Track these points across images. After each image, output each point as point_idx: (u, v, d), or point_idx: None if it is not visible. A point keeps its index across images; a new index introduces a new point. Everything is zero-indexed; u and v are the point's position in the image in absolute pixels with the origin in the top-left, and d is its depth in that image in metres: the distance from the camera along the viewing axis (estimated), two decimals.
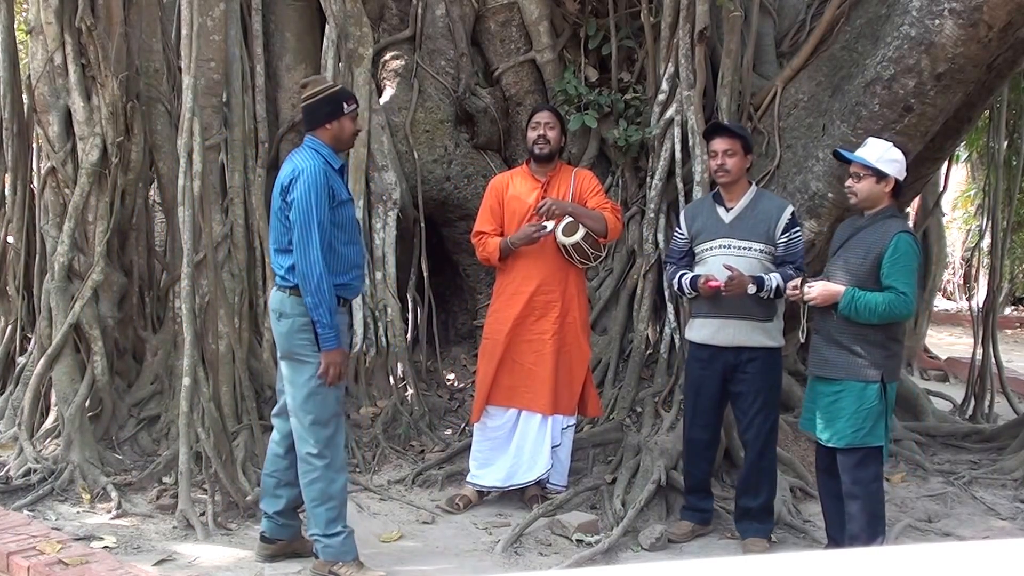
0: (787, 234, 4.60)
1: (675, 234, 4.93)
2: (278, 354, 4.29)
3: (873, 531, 4.18)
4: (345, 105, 4.20)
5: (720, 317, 4.59)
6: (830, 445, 4.20)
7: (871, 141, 4.29)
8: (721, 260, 4.55)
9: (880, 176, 4.13)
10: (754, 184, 4.79)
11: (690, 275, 4.66)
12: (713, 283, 4.47)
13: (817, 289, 4.13)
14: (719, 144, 4.63)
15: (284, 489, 4.33)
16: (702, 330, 4.69)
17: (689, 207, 4.99)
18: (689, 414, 4.85)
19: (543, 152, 5.13)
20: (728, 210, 4.66)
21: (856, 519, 4.19)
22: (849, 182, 4.23)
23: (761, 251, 4.59)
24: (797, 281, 4.23)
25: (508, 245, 5.04)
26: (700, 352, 4.72)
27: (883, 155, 4.15)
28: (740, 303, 4.51)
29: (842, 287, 4.09)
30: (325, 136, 4.19)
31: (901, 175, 4.21)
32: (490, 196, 5.24)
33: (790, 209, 4.67)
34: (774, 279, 4.51)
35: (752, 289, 4.45)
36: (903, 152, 4.25)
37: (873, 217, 4.19)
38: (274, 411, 4.41)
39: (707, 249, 4.66)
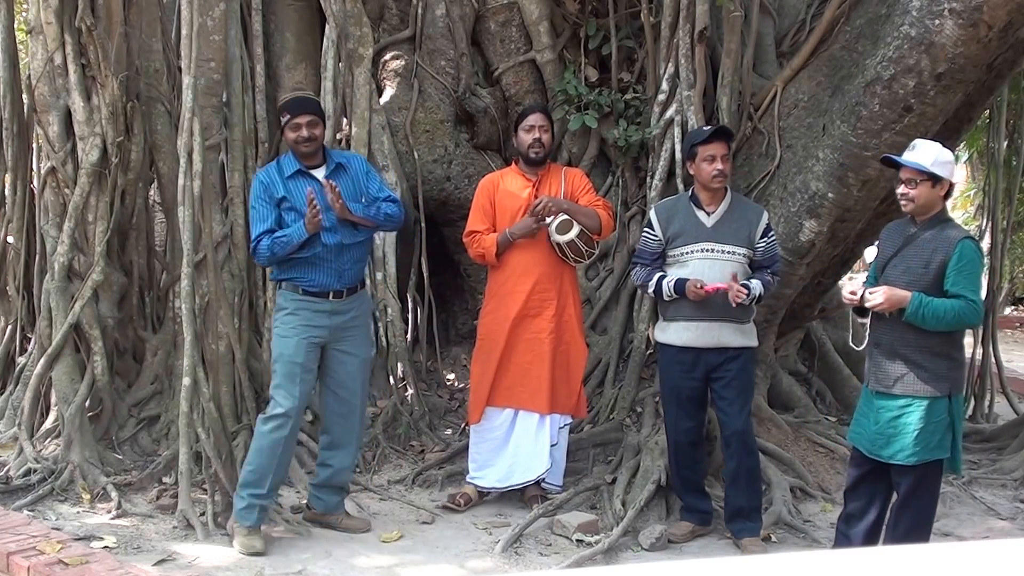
0: (765, 238, 4.69)
1: (646, 235, 4.84)
2: None
3: (920, 539, 4.07)
4: (281, 118, 4.64)
5: (705, 320, 4.60)
6: (894, 462, 4.02)
7: (920, 143, 4.07)
8: (704, 264, 4.60)
9: (935, 180, 3.96)
10: (729, 189, 4.81)
11: (672, 278, 4.65)
12: (709, 288, 4.47)
13: (882, 293, 3.95)
14: (719, 148, 4.61)
15: (320, 467, 4.84)
16: (684, 333, 4.67)
17: (661, 209, 4.88)
18: (672, 417, 4.83)
19: (538, 156, 5.11)
20: (709, 214, 4.68)
21: (904, 527, 4.08)
22: (903, 188, 4.02)
23: (743, 255, 4.64)
24: (856, 288, 4.09)
25: (507, 237, 5.02)
26: (682, 356, 4.70)
27: (937, 157, 3.95)
28: (724, 306, 4.53)
29: (908, 292, 3.93)
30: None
31: (954, 176, 4.06)
32: (481, 195, 5.21)
33: (766, 215, 4.78)
34: (757, 286, 4.58)
35: (742, 297, 4.46)
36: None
37: (927, 224, 4.02)
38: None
39: (687, 252, 4.66)
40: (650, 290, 4.79)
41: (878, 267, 4.18)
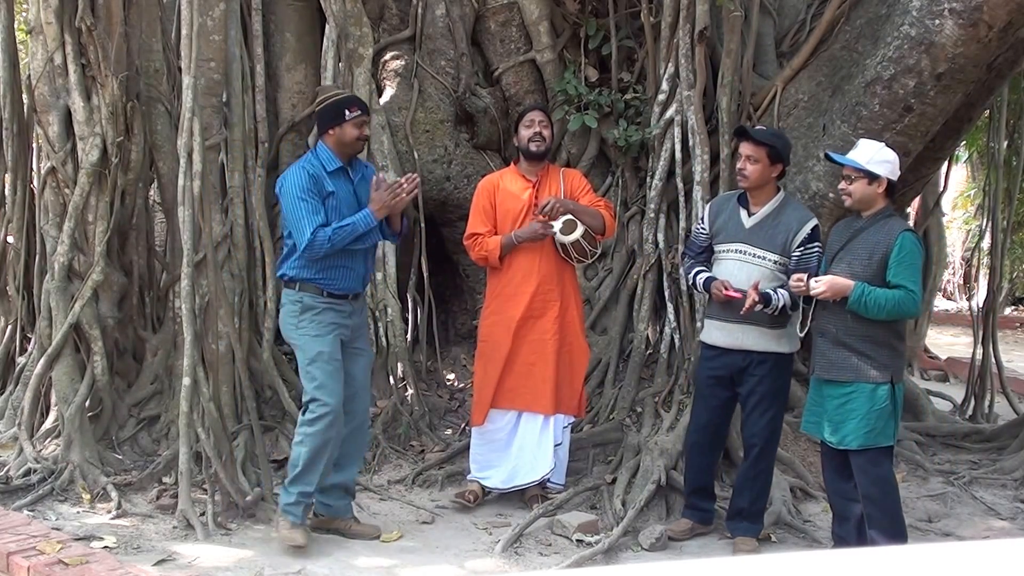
0: (803, 247, 4.49)
1: (697, 227, 4.89)
2: None
3: (895, 531, 4.19)
4: (347, 112, 4.53)
5: (730, 322, 4.57)
6: (841, 448, 4.20)
7: (862, 142, 4.31)
8: (735, 265, 4.55)
9: (872, 177, 4.15)
10: (782, 191, 4.66)
11: (706, 275, 4.64)
12: (730, 293, 4.46)
13: (826, 282, 4.12)
14: (743, 148, 4.57)
15: (334, 471, 4.63)
16: (713, 332, 4.69)
17: (715, 201, 4.91)
18: (694, 413, 4.87)
19: (539, 149, 5.10)
20: (751, 215, 4.59)
21: (877, 521, 4.19)
22: (842, 184, 4.27)
23: (775, 262, 4.52)
24: (803, 275, 4.22)
25: (512, 241, 5.01)
26: (708, 352, 4.73)
27: (874, 156, 4.16)
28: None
29: (851, 281, 4.09)
30: (329, 141, 4.57)
31: (894, 175, 4.20)
32: (481, 197, 5.19)
33: (812, 223, 4.53)
34: (782, 297, 4.45)
35: (759, 307, 4.41)
36: (903, 152, 4.26)
37: (872, 218, 4.21)
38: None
39: (723, 251, 4.64)
40: (689, 282, 4.83)
41: (827, 261, 4.36)
